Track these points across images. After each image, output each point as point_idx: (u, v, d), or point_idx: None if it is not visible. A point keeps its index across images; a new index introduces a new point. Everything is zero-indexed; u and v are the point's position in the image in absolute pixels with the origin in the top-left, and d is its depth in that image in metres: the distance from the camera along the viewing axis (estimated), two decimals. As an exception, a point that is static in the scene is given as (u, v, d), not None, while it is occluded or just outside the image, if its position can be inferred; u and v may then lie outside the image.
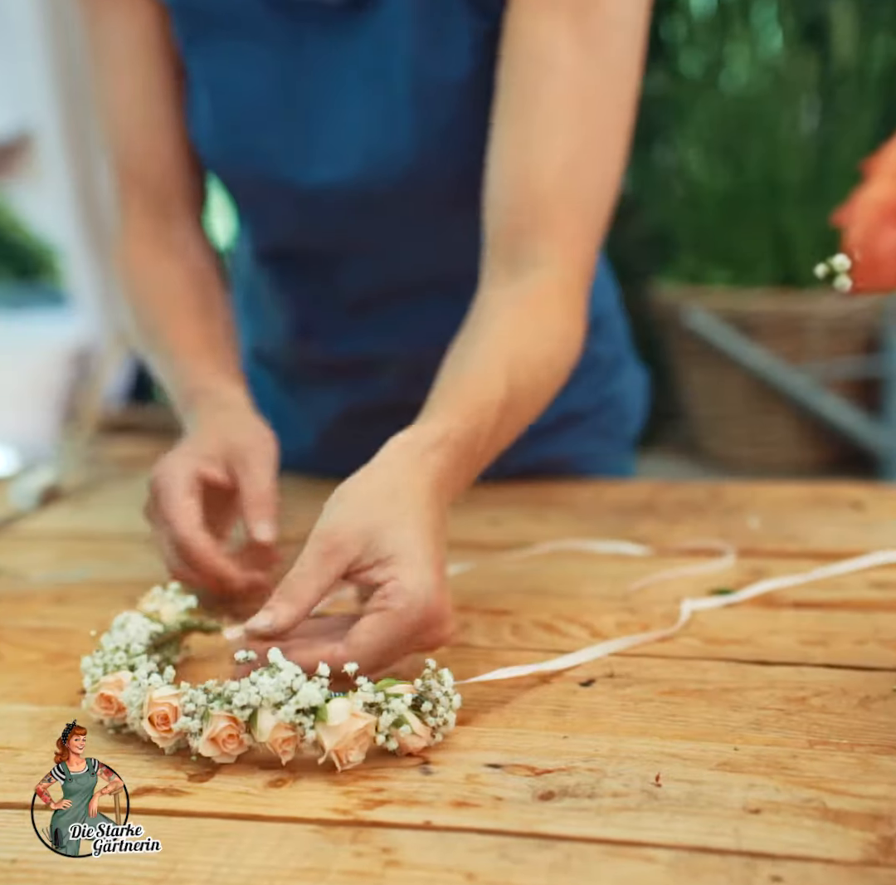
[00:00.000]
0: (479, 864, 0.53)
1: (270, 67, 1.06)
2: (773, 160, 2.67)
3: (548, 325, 0.93)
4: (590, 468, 1.32)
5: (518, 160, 0.95)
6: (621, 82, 0.97)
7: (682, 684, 0.72)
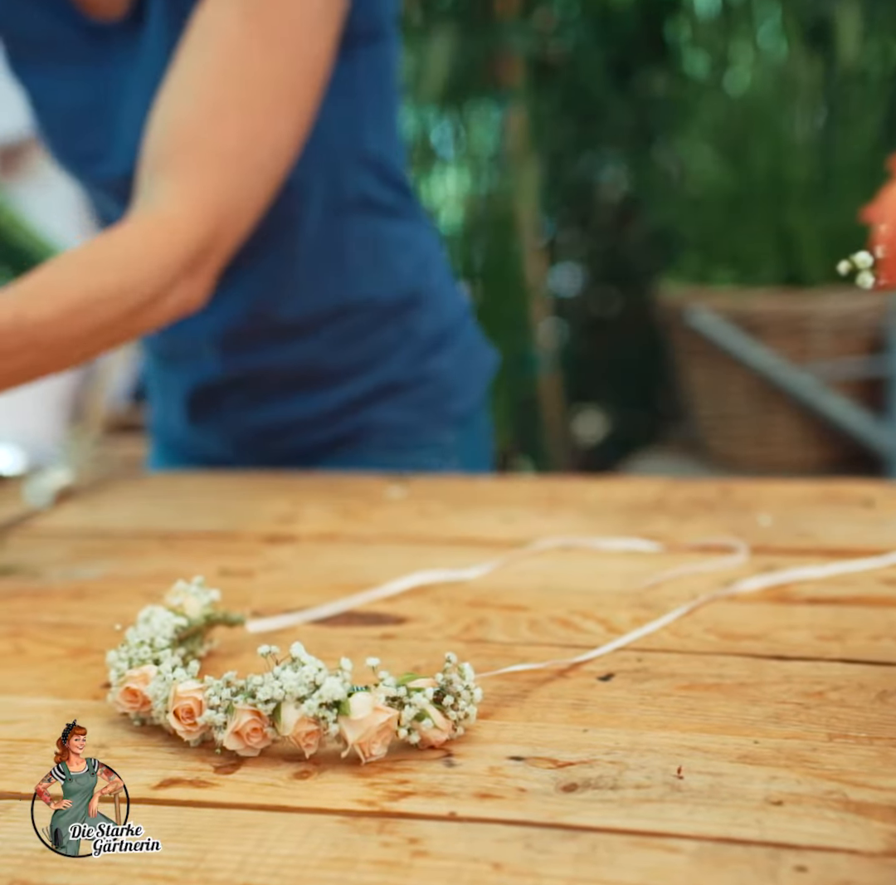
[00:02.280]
0: (505, 854, 0.54)
1: (80, 82, 1.22)
2: (777, 161, 2.67)
3: (115, 253, 1.01)
4: (407, 440, 1.38)
5: (166, 106, 1.07)
6: (284, 54, 1.07)
7: (700, 678, 0.73)
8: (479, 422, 1.45)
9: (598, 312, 3.58)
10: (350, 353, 1.36)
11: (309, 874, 0.53)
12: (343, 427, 1.38)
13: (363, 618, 0.87)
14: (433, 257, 1.41)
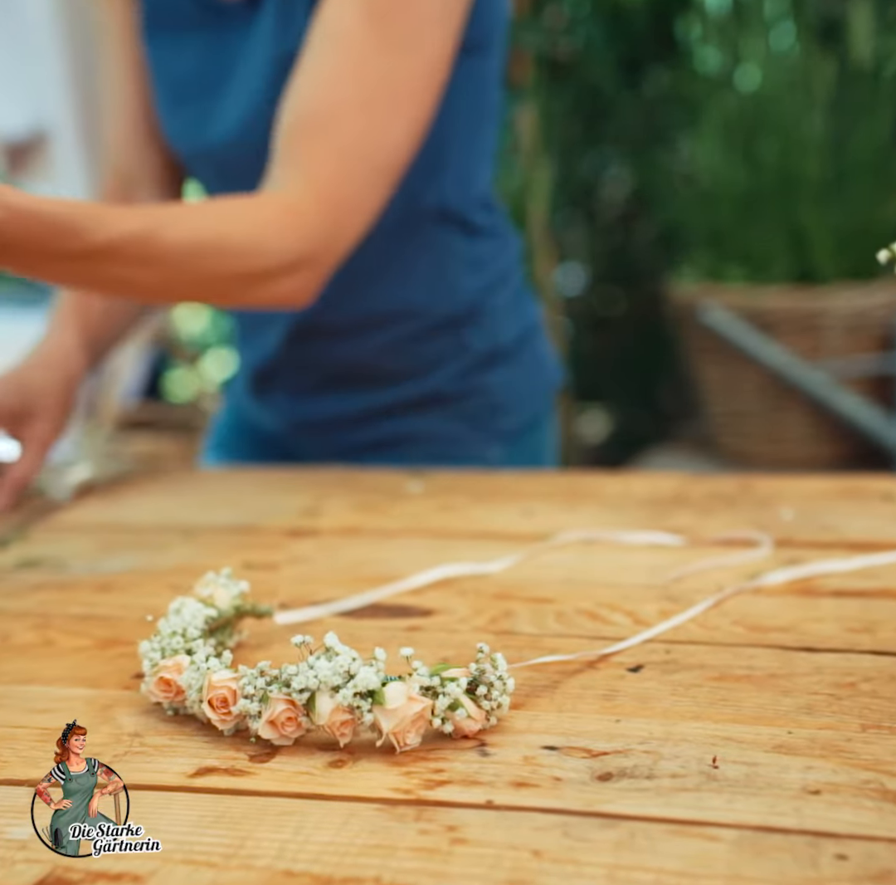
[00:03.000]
0: (544, 842, 0.54)
1: (194, 55, 1.26)
2: (788, 158, 2.67)
3: (249, 216, 1.05)
4: (450, 451, 1.38)
5: (295, 99, 1.10)
6: (404, 56, 1.09)
7: (730, 670, 0.73)
8: (530, 440, 1.45)
9: (602, 311, 3.58)
10: (400, 359, 1.37)
11: (349, 861, 0.53)
12: (387, 430, 1.39)
13: (389, 610, 0.87)
14: (505, 277, 1.40)
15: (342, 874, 0.52)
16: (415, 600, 0.89)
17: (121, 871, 0.54)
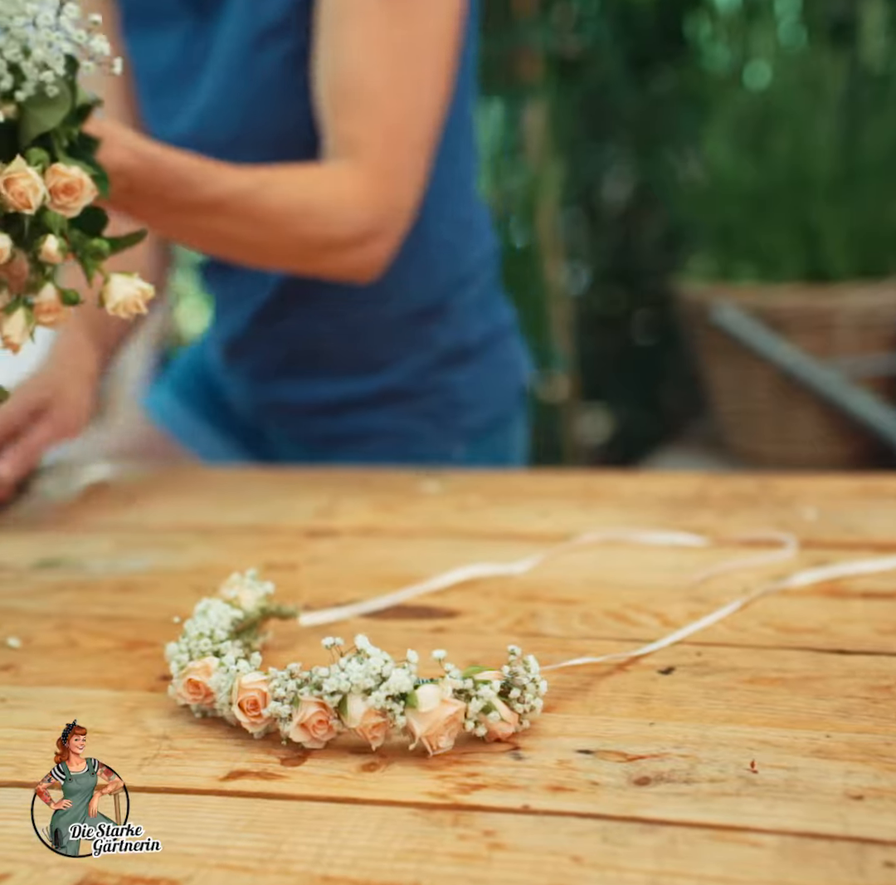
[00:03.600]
0: (584, 847, 0.53)
1: (176, 46, 1.28)
2: (799, 156, 2.66)
3: (325, 190, 1.10)
4: (412, 448, 1.40)
5: (332, 80, 1.15)
6: (423, 29, 1.14)
7: (763, 672, 0.72)
8: (496, 440, 1.45)
9: (607, 310, 3.57)
10: (366, 344, 1.38)
11: (387, 866, 0.53)
12: (349, 424, 1.41)
13: (414, 611, 0.86)
14: (476, 272, 1.41)
15: (380, 880, 0.52)
16: (439, 602, 0.88)
17: (156, 876, 0.53)
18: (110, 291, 0.77)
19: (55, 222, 0.73)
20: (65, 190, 0.73)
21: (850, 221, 2.62)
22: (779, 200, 2.66)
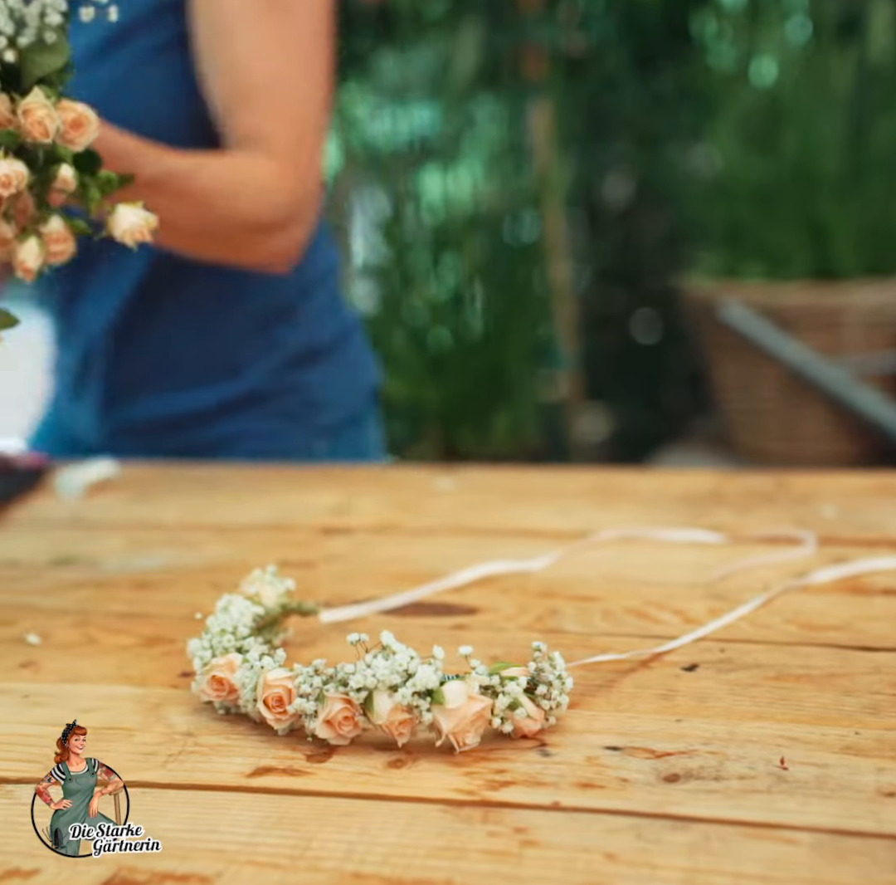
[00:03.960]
0: (616, 845, 0.53)
1: None
2: (806, 153, 2.66)
3: (249, 174, 1.15)
4: (275, 446, 1.42)
5: (228, 80, 1.18)
6: (292, 14, 1.19)
7: (788, 669, 0.72)
8: (352, 436, 1.49)
9: (610, 309, 3.57)
10: (213, 351, 1.40)
11: (418, 863, 0.52)
12: (211, 432, 1.42)
13: (433, 608, 0.86)
14: (323, 279, 1.45)
15: (412, 877, 0.51)
16: (458, 598, 0.88)
17: (186, 872, 0.53)
18: (117, 219, 0.80)
19: (66, 154, 0.77)
20: (73, 124, 0.76)
21: (858, 218, 2.61)
22: (786, 197, 2.66)
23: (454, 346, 2.87)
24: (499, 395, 2.86)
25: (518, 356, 2.88)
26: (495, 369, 2.86)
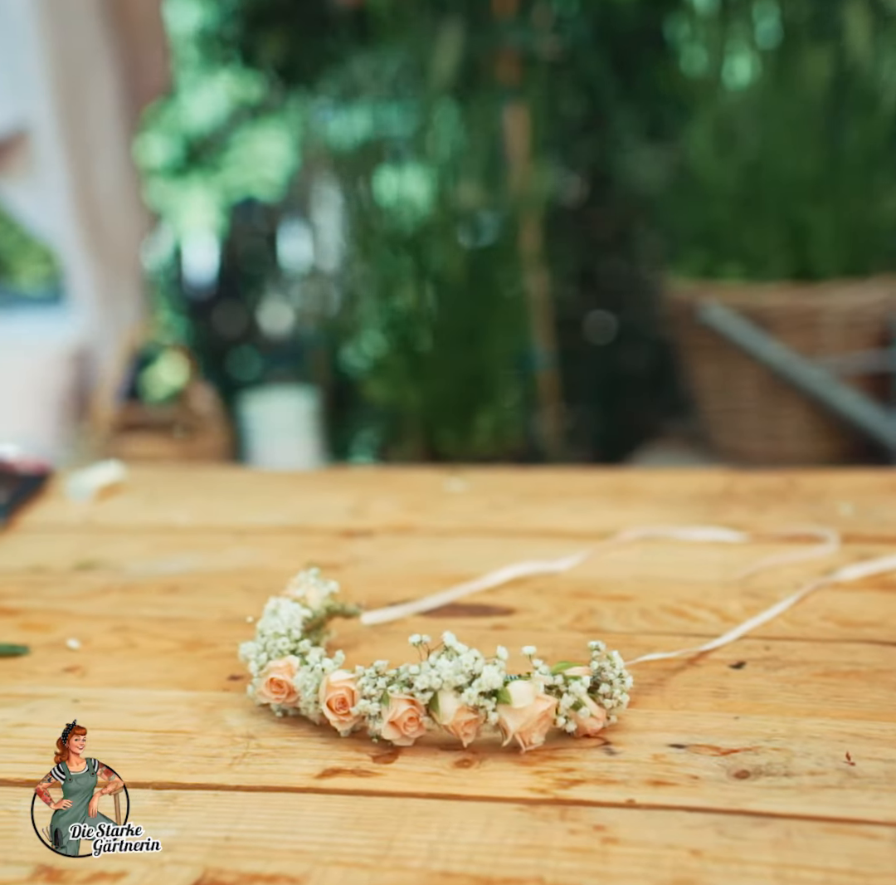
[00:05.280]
0: (700, 841, 0.54)
1: None
2: (784, 155, 2.68)
3: None
4: None
5: None
6: None
7: (835, 665, 0.73)
8: None
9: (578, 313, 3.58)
10: None
11: (504, 861, 0.53)
12: None
13: (469, 609, 0.86)
14: None
15: (501, 875, 0.52)
16: (493, 599, 0.88)
17: (274, 872, 0.53)
18: None
19: None
20: None
21: (835, 220, 2.63)
22: (764, 199, 2.67)
23: (436, 348, 2.87)
24: (481, 396, 2.87)
25: (499, 358, 2.88)
26: (478, 371, 2.86)
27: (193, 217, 4.02)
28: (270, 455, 2.69)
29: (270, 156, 3.94)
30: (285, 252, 3.98)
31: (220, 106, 3.88)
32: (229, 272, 3.99)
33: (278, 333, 3.96)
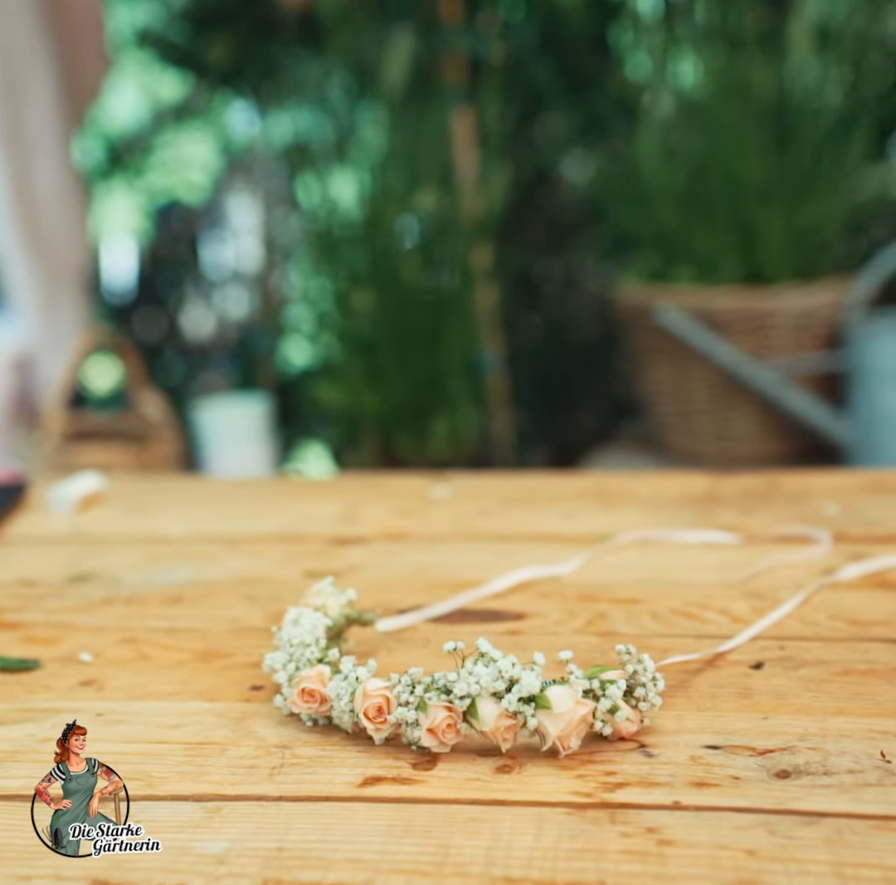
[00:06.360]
0: (752, 841, 0.54)
1: None
2: (731, 159, 2.70)
3: None
4: None
5: None
6: None
7: (851, 664, 0.74)
8: None
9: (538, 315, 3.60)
10: None
11: (563, 866, 0.53)
12: None
13: (479, 615, 0.87)
14: None
15: (564, 879, 0.52)
16: (501, 604, 0.89)
17: (334, 881, 0.53)
18: None
19: None
20: None
21: (784, 224, 2.67)
22: (712, 203, 2.70)
23: (392, 352, 2.86)
24: (436, 401, 2.87)
25: (454, 363, 2.89)
26: (433, 376, 2.87)
27: (115, 221, 3.97)
28: (226, 462, 2.68)
29: (195, 159, 3.91)
30: (209, 256, 3.96)
31: (145, 108, 3.85)
32: (150, 277, 3.95)
33: (201, 337, 3.93)
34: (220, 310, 3.94)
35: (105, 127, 3.77)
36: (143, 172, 3.95)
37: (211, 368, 3.83)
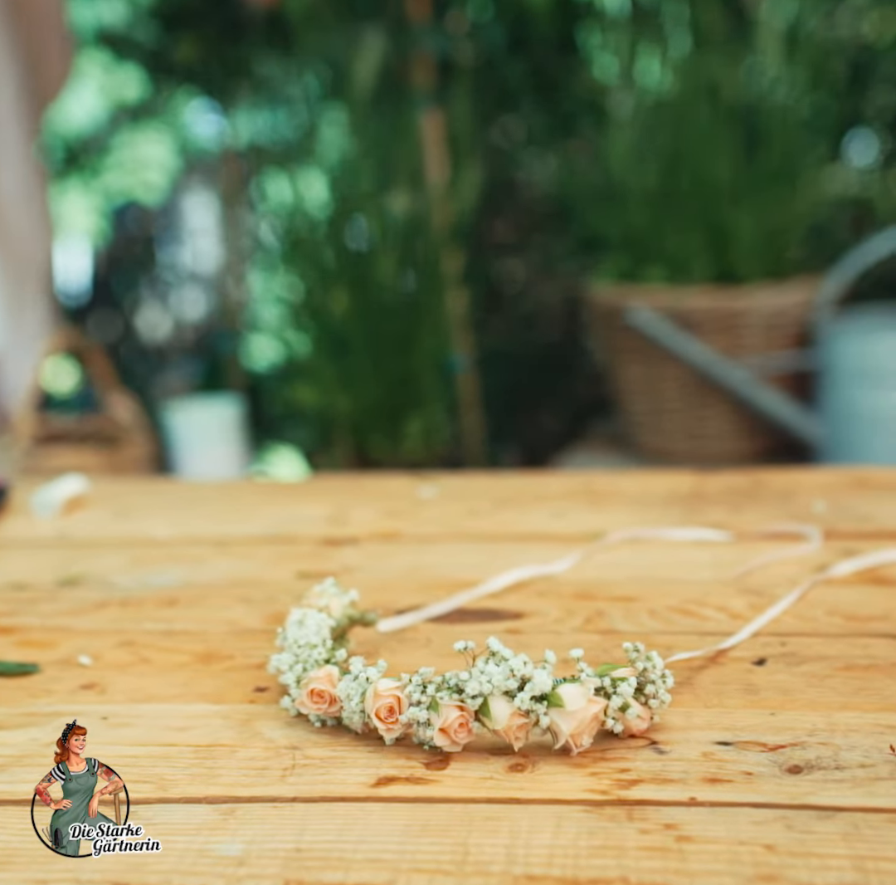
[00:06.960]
0: (771, 836, 0.55)
1: None
2: (701, 159, 2.72)
3: None
4: None
5: None
6: None
7: (853, 659, 0.74)
8: None
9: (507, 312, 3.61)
10: None
11: (584, 863, 0.53)
12: None
13: (477, 614, 0.87)
14: None
15: (586, 876, 0.52)
16: (498, 604, 0.89)
17: (356, 882, 0.53)
18: None
19: None
20: None
21: (755, 224, 2.68)
22: (683, 202, 2.71)
23: (365, 354, 2.86)
24: (410, 402, 2.87)
25: (426, 364, 2.89)
26: (406, 377, 2.87)
27: (70, 221, 3.95)
28: (199, 464, 2.67)
29: (153, 159, 3.89)
30: (165, 257, 3.95)
31: (102, 108, 3.82)
32: (106, 278, 3.93)
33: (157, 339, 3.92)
34: (176, 311, 3.92)
35: (61, 127, 3.74)
36: (99, 172, 3.93)
37: (169, 370, 3.81)
